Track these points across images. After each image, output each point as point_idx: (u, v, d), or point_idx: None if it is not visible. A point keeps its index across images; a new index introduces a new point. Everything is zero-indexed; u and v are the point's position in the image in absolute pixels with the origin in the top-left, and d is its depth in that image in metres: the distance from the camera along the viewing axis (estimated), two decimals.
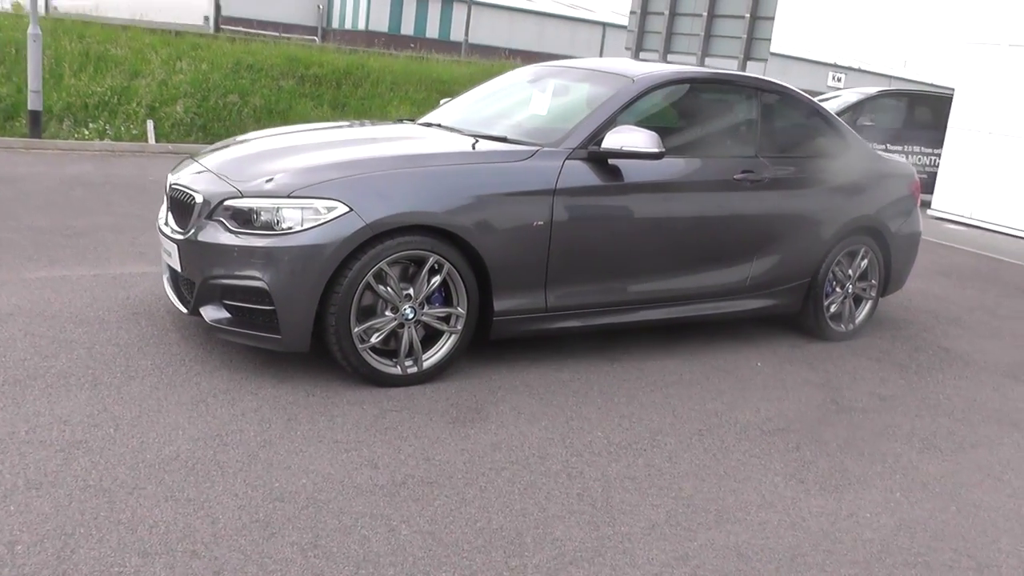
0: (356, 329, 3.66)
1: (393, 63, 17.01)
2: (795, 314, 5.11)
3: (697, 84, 4.78)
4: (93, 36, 12.48)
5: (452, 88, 16.34)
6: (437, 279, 3.79)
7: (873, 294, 5.36)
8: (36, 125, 9.51)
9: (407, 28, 36.38)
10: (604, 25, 42.07)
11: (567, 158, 4.08)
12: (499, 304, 3.96)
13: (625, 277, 4.33)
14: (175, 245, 3.88)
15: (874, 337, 5.43)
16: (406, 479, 3.04)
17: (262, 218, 3.62)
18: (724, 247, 4.62)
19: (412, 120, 5.18)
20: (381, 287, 3.68)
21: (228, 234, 3.65)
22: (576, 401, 3.91)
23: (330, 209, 3.57)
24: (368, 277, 3.62)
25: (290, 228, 3.57)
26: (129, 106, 11.36)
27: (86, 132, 10.64)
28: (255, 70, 13.82)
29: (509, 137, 4.31)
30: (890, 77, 49.60)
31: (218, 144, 4.50)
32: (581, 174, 4.09)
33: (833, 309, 5.17)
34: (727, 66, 18.90)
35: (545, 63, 5.64)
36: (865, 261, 5.24)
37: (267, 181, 3.69)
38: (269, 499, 2.83)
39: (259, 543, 2.58)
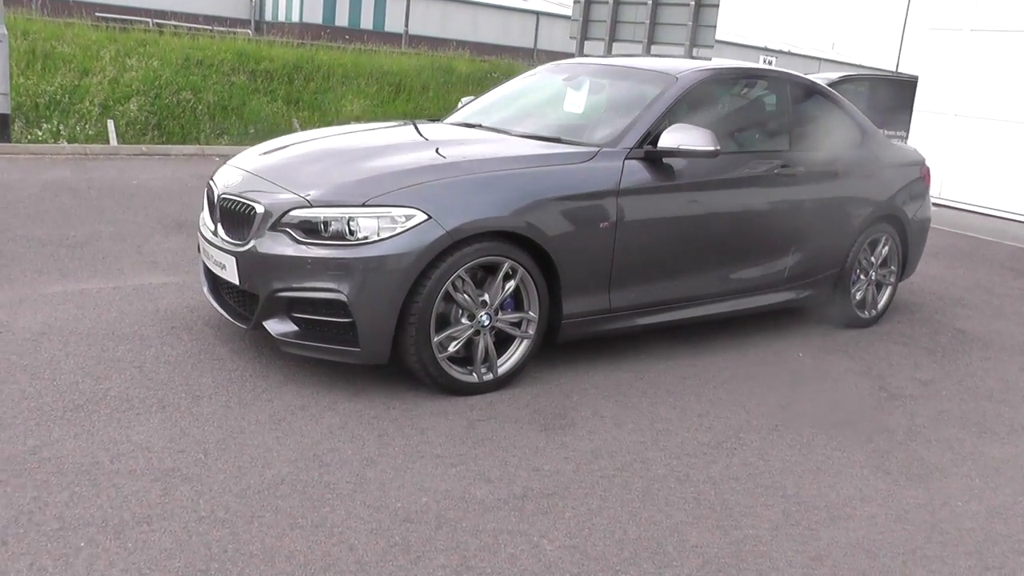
0: (436, 339, 3.58)
1: (342, 56, 16.72)
2: (824, 303, 5.20)
3: (734, 79, 4.81)
4: (38, 32, 11.90)
5: (402, 81, 16.15)
6: (511, 284, 3.73)
7: (893, 280, 5.50)
8: (4, 129, 9.03)
9: (341, 19, 35.68)
10: (537, 14, 42.10)
11: (626, 158, 4.06)
12: (567, 307, 3.92)
13: (680, 274, 4.34)
14: (232, 257, 3.72)
15: (893, 322, 5.57)
16: (525, 492, 2.98)
17: (332, 228, 3.50)
18: (766, 241, 4.68)
19: (438, 120, 5.08)
20: (459, 295, 3.61)
21: (297, 245, 3.52)
22: (649, 402, 3.90)
23: (408, 217, 3.47)
24: (447, 285, 3.54)
25: (366, 238, 3.46)
26: (82, 105, 10.88)
27: (39, 133, 10.15)
28: (205, 66, 13.40)
29: (563, 138, 4.26)
30: (820, 60, 50.95)
31: (260, 148, 4.33)
32: (640, 174, 4.07)
33: (859, 296, 5.29)
34: (673, 53, 19.13)
35: (572, 61, 5.59)
36: (886, 248, 5.37)
37: (335, 189, 3.56)
38: (398, 520, 2.74)
39: (408, 568, 2.50)
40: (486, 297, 3.68)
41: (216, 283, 4.14)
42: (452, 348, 3.65)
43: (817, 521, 3.00)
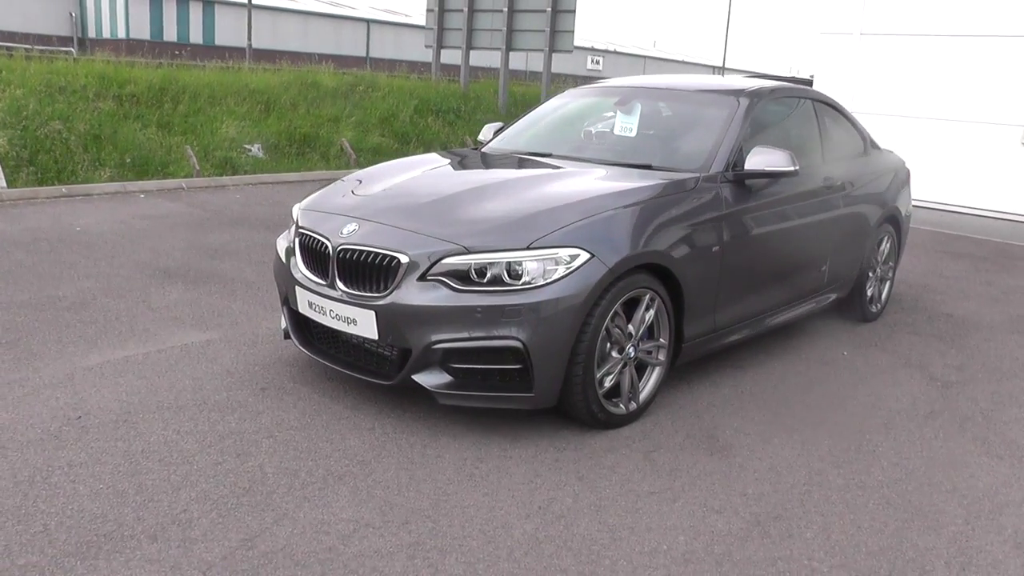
0: (599, 375, 3.59)
1: (204, 76, 15.86)
2: (846, 302, 5.59)
3: (779, 98, 5.04)
4: None
5: (270, 98, 15.48)
6: (651, 314, 3.79)
7: (891, 274, 5.99)
8: None
9: (169, 34, 33.51)
10: (368, 22, 41.52)
11: (720, 181, 4.21)
12: (687, 331, 4.03)
13: (764, 288, 4.55)
14: (369, 312, 3.55)
15: (891, 314, 6.06)
16: (757, 518, 3.08)
17: (490, 273, 3.43)
18: (817, 250, 4.98)
19: (488, 148, 5.04)
20: (615, 330, 3.63)
21: (456, 294, 3.42)
22: (768, 415, 4.08)
23: (574, 257, 3.45)
24: (607, 322, 3.56)
25: (530, 281, 3.41)
26: None
27: None
28: (68, 92, 12.39)
29: (654, 164, 4.35)
30: (645, 57, 53.49)
31: (340, 191, 4.16)
32: (734, 196, 4.24)
33: (870, 292, 5.73)
34: (534, 59, 19.45)
35: (611, 83, 5.60)
36: (888, 246, 5.86)
37: (492, 234, 3.49)
38: (679, 562, 2.76)
39: None
40: (631, 329, 3.73)
41: (318, 337, 3.94)
42: (608, 383, 3.67)
43: (990, 510, 3.27)
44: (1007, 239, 9.28)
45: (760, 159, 4.25)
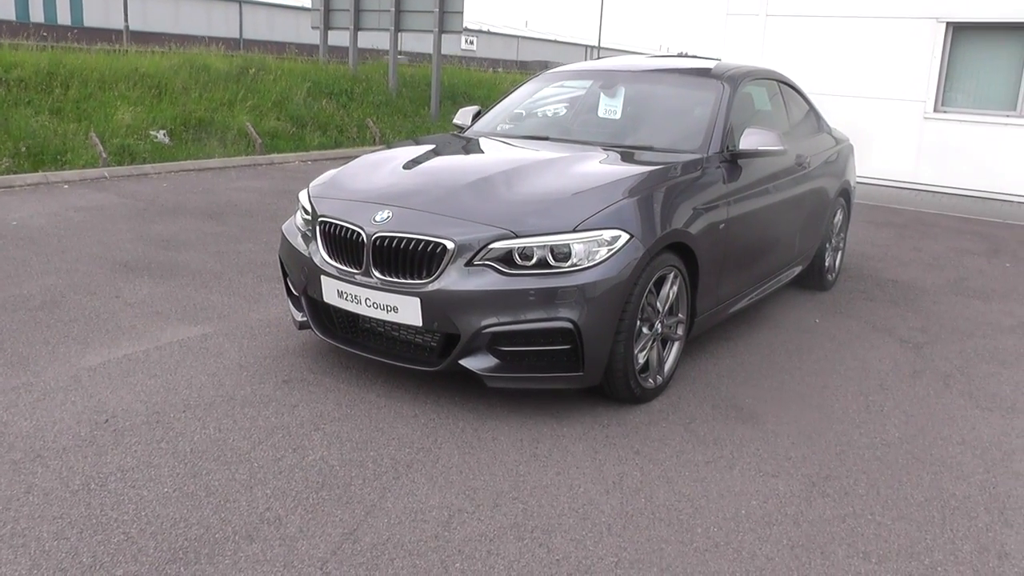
0: (636, 352, 3.70)
1: (91, 59, 15.01)
2: (808, 273, 5.91)
3: (753, 80, 5.24)
4: None
5: (162, 82, 14.78)
6: (674, 291, 3.93)
7: (843, 244, 6.36)
8: None
9: (36, 15, 31.07)
10: (240, 2, 39.89)
11: (719, 162, 4.39)
12: (699, 305, 4.19)
13: (752, 262, 4.75)
14: (413, 299, 3.53)
15: (840, 281, 6.44)
16: (817, 479, 3.27)
17: (536, 257, 3.47)
18: (791, 224, 5.25)
19: (476, 132, 5.04)
20: (648, 308, 3.75)
21: (507, 278, 3.45)
22: (775, 382, 4.30)
23: (615, 238, 3.54)
24: (644, 300, 3.67)
25: (578, 263, 3.48)
26: None
27: None
28: None
29: (655, 146, 4.48)
30: (518, 38, 53.74)
31: (355, 179, 4.09)
32: (732, 175, 4.42)
33: (827, 263, 6.08)
34: (425, 40, 19.18)
35: (595, 65, 5.65)
36: (840, 217, 6.21)
37: (538, 217, 3.53)
38: (762, 524, 2.91)
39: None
40: (658, 305, 3.85)
41: (342, 326, 3.89)
42: (642, 359, 3.79)
43: (1002, 458, 3.59)
44: (919, 207, 9.97)
45: (754, 139, 4.44)
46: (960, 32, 9.80)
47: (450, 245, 3.49)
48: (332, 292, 3.79)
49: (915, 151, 10.10)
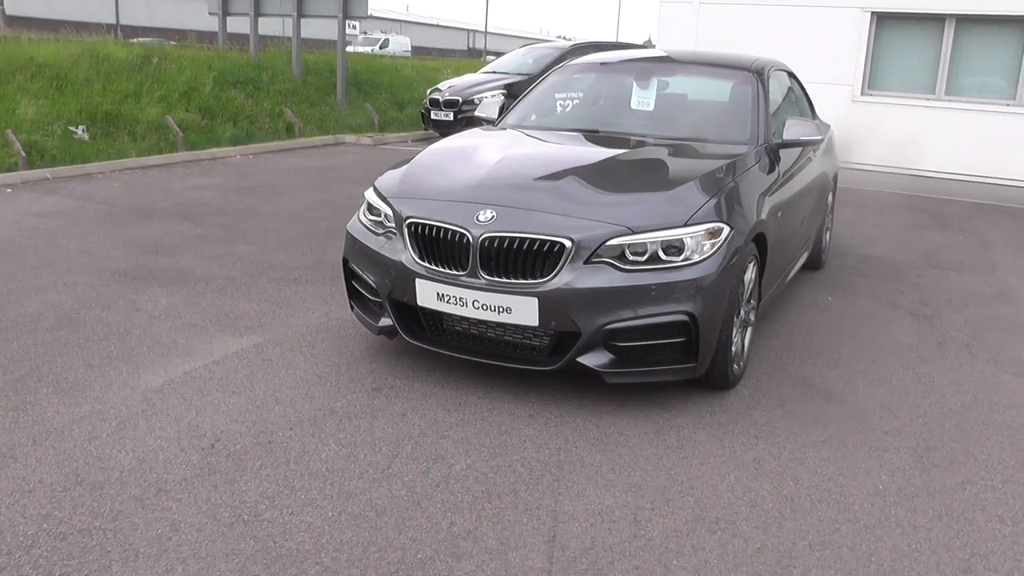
0: (735, 339, 3.82)
1: None
2: (812, 254, 6.20)
3: (773, 70, 5.42)
4: None
5: (61, 73, 13.84)
6: (752, 277, 4.06)
7: (831, 225, 6.70)
8: None
9: None
10: None
11: (767, 150, 4.55)
12: (763, 290, 4.35)
13: (787, 247, 4.94)
14: (530, 299, 3.51)
15: (831, 260, 6.78)
16: (920, 451, 3.49)
17: (649, 252, 3.53)
18: (808, 208, 5.49)
19: (525, 127, 5.03)
20: (741, 297, 3.87)
21: (625, 274, 3.49)
22: (829, 360, 4.52)
23: (719, 231, 3.63)
24: (740, 290, 3.79)
25: (690, 257, 3.56)
26: None
27: None
28: None
29: (708, 138, 4.59)
30: (401, 22, 53.06)
31: (432, 176, 4.03)
32: (779, 163, 4.60)
33: (824, 242, 6.39)
34: (329, 26, 18.67)
35: (616, 58, 5.67)
36: (831, 199, 6.53)
37: (651, 214, 3.58)
38: (902, 497, 3.08)
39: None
40: (742, 293, 3.99)
41: (432, 329, 3.84)
42: (734, 346, 3.91)
43: None
44: (859, 186, 10.54)
45: (797, 129, 4.63)
46: (884, 20, 10.42)
47: (568, 243, 3.50)
48: (430, 295, 3.72)
49: (845, 132, 10.68)
